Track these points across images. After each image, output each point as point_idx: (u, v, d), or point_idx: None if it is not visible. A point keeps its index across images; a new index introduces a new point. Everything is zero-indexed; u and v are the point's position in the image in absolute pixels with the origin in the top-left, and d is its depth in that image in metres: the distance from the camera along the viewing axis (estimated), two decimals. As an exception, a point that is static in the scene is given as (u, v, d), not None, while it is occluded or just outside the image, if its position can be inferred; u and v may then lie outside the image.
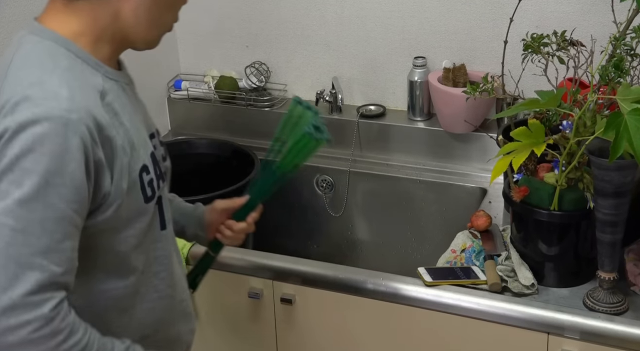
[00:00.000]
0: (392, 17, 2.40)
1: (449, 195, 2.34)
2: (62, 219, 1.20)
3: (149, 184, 1.35)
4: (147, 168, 1.35)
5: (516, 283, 1.80)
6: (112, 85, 1.32)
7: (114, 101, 1.31)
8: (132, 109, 1.36)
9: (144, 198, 1.34)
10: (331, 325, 1.97)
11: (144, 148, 1.36)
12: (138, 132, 1.35)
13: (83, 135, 1.20)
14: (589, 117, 1.69)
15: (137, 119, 1.38)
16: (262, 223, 2.48)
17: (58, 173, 1.19)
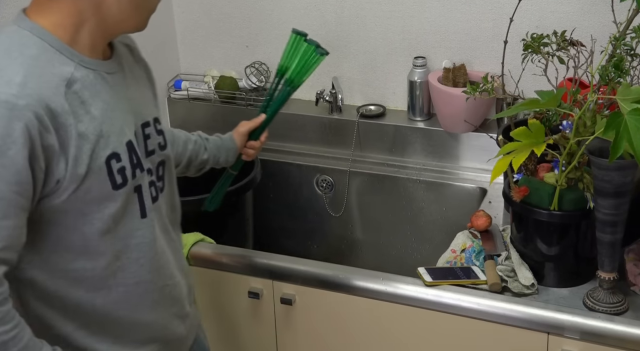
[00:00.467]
0: (392, 17, 2.40)
1: (449, 195, 2.34)
2: (1, 199, 1.26)
3: (119, 172, 1.39)
4: (117, 156, 1.39)
5: (516, 283, 1.80)
6: (86, 75, 1.36)
7: (84, 89, 1.35)
8: (110, 98, 1.39)
9: (111, 184, 1.39)
10: (331, 325, 1.97)
11: (117, 137, 1.39)
12: (111, 121, 1.38)
13: (28, 121, 1.25)
14: (589, 117, 1.69)
15: (118, 108, 1.41)
16: (262, 223, 2.49)
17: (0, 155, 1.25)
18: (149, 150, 1.49)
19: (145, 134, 1.49)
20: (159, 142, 1.52)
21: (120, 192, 1.40)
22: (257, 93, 2.56)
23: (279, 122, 2.51)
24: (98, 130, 1.35)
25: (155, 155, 1.51)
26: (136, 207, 1.45)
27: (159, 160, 1.53)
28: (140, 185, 1.45)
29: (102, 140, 1.36)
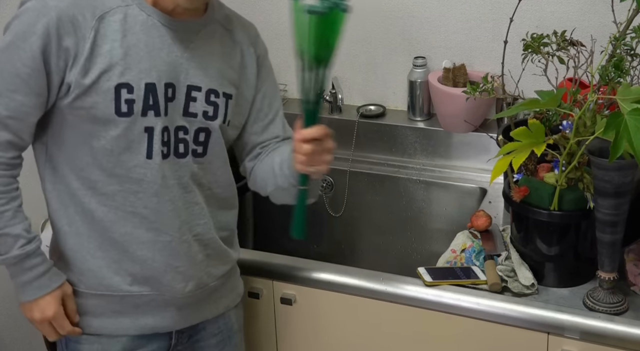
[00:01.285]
0: (392, 17, 2.40)
1: (449, 195, 2.34)
2: (16, 75, 1.50)
3: (126, 102, 1.54)
4: (130, 88, 1.54)
5: (516, 283, 1.80)
6: (135, 14, 1.54)
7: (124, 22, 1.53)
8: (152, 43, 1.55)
9: (115, 109, 1.54)
10: (331, 325, 1.97)
11: (139, 73, 1.54)
12: (139, 58, 1.54)
13: (51, 20, 1.48)
14: (589, 117, 1.69)
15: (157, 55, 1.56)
16: (262, 223, 2.49)
17: (22, 39, 1.49)
18: (189, 111, 1.62)
19: (190, 96, 1.61)
20: (205, 110, 1.63)
21: (123, 119, 1.54)
22: (257, 93, 2.55)
23: (279, 122, 2.53)
24: (119, 58, 1.52)
25: (196, 119, 1.63)
26: (143, 146, 1.57)
27: (200, 126, 1.63)
28: (153, 128, 1.57)
29: (118, 67, 1.52)
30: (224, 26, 1.69)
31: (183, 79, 1.60)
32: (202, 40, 1.63)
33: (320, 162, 1.58)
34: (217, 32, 1.67)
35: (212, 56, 1.65)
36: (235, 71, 1.69)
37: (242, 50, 1.71)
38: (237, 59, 1.70)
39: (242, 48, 1.71)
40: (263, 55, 1.77)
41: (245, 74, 1.72)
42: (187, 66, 1.60)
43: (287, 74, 2.57)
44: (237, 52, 1.70)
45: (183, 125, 1.62)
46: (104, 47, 1.52)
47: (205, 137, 1.65)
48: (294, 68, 2.54)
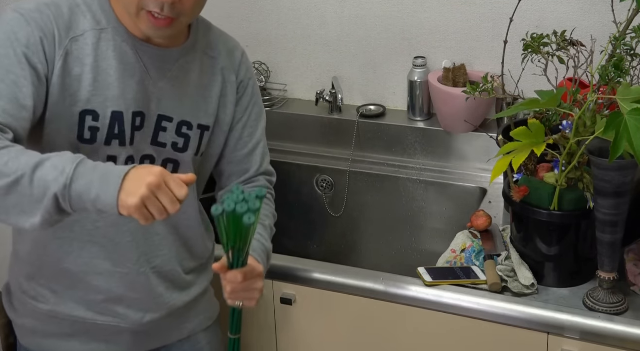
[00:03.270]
0: (392, 17, 2.40)
1: (449, 195, 2.34)
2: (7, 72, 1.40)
3: (90, 129, 1.48)
4: (95, 115, 1.48)
5: (516, 283, 1.80)
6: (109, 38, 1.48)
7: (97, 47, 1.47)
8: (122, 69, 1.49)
9: (78, 135, 1.49)
10: (331, 325, 1.97)
11: (105, 101, 1.48)
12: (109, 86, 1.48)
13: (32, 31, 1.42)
14: (589, 117, 1.69)
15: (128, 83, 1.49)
16: (262, 223, 2.49)
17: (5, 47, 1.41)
18: (158, 140, 1.56)
19: (160, 125, 1.56)
20: (175, 142, 1.58)
21: (85, 146, 1.49)
22: (257, 93, 2.55)
23: (279, 121, 2.53)
24: (88, 83, 1.47)
25: (164, 149, 1.58)
26: None
27: (168, 156, 1.59)
28: (116, 158, 1.52)
29: (85, 93, 1.47)
30: (207, 53, 1.62)
31: (154, 108, 1.55)
32: (181, 70, 1.57)
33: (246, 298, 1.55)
34: (197, 61, 1.60)
35: (189, 87, 1.59)
36: (214, 101, 1.63)
37: (223, 78, 1.65)
38: (217, 89, 1.64)
39: (223, 76, 1.65)
40: (246, 82, 1.69)
41: (224, 103, 1.65)
42: (159, 96, 1.55)
43: (287, 74, 2.58)
44: (218, 80, 1.64)
45: (150, 154, 1.57)
46: (75, 70, 1.47)
47: (173, 169, 1.60)
48: (294, 68, 2.56)
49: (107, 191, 1.28)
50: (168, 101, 1.56)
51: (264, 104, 2.51)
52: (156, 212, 1.29)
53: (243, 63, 1.69)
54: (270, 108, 2.54)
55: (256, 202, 1.34)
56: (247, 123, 1.70)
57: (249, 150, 1.71)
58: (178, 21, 1.46)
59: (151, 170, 1.29)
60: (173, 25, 1.46)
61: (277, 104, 2.55)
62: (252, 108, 1.71)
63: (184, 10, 1.44)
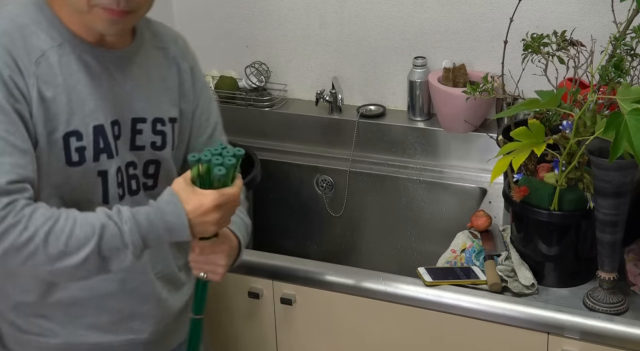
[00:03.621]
0: (392, 17, 2.40)
1: (449, 195, 2.34)
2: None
3: (77, 150, 1.44)
4: (79, 135, 1.43)
5: (516, 283, 1.80)
6: (69, 52, 1.43)
7: (61, 65, 1.42)
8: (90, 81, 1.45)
9: (66, 160, 1.43)
10: (331, 325, 1.97)
11: (84, 118, 1.44)
12: (82, 102, 1.44)
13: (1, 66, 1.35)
14: (589, 117, 1.69)
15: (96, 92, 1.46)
16: (262, 223, 2.49)
17: None
18: (136, 144, 1.53)
19: (135, 128, 1.53)
20: (153, 141, 1.55)
21: (75, 169, 1.44)
22: (257, 94, 2.56)
23: (279, 121, 2.53)
24: (63, 104, 1.42)
25: (144, 151, 1.55)
26: (98, 191, 1.49)
27: (150, 158, 1.56)
28: (107, 171, 1.49)
29: (63, 114, 1.42)
30: (156, 46, 1.59)
31: (127, 113, 1.51)
32: (140, 67, 1.54)
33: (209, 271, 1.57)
34: (151, 54, 1.57)
35: (152, 82, 1.56)
36: (174, 91, 1.61)
37: (177, 66, 1.62)
38: (174, 77, 1.61)
39: (177, 64, 1.62)
40: (195, 66, 1.67)
41: (183, 91, 1.63)
42: (129, 98, 1.52)
43: (287, 74, 2.58)
44: (174, 69, 1.61)
45: (132, 160, 1.53)
46: (47, 94, 1.40)
47: (155, 169, 1.58)
48: (294, 68, 2.56)
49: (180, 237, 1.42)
50: (138, 102, 1.53)
51: (264, 104, 2.54)
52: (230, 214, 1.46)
53: (188, 49, 1.67)
54: (270, 108, 2.54)
55: (232, 158, 1.41)
56: (203, 108, 1.67)
57: (209, 134, 1.70)
58: (133, 14, 1.42)
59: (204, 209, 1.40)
60: (129, 17, 1.42)
61: (277, 104, 2.55)
62: (205, 92, 1.69)
63: (140, 2, 1.42)
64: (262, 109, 2.54)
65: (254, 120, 2.55)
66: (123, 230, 1.37)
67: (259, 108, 2.55)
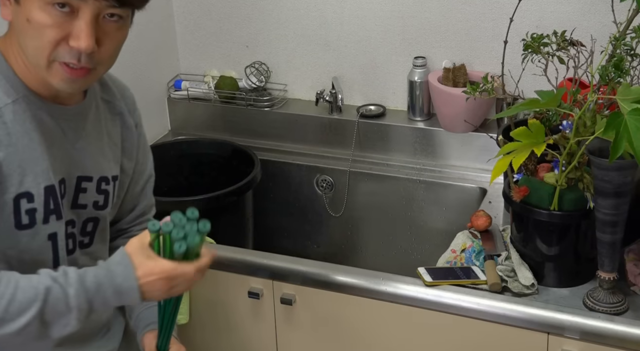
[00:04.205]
0: (392, 17, 2.40)
1: (449, 195, 2.34)
2: None
3: (27, 212, 1.36)
4: (30, 196, 1.36)
5: (516, 283, 1.80)
6: (25, 109, 1.35)
7: (15, 123, 1.34)
8: (43, 139, 1.37)
9: (15, 223, 1.35)
10: (331, 325, 1.97)
11: (36, 177, 1.36)
12: (35, 161, 1.36)
13: None
14: (589, 117, 1.69)
15: (49, 151, 1.38)
16: (262, 223, 2.49)
17: None
18: (79, 203, 1.47)
19: (80, 187, 1.46)
20: (95, 200, 1.49)
21: (24, 232, 1.37)
22: (257, 94, 2.56)
23: (279, 121, 2.53)
24: (15, 165, 1.34)
25: (85, 210, 1.48)
26: (48, 255, 1.42)
27: (89, 216, 1.50)
28: (56, 234, 1.42)
29: (15, 176, 1.34)
30: (103, 98, 1.52)
31: (73, 171, 1.44)
32: (92, 123, 1.47)
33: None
34: (100, 108, 1.50)
35: (101, 139, 1.50)
36: (117, 147, 1.55)
37: (122, 121, 1.56)
38: (118, 133, 1.55)
39: (122, 119, 1.55)
40: (139, 123, 1.61)
41: (125, 148, 1.57)
42: (78, 157, 1.45)
43: (287, 74, 2.58)
44: (118, 124, 1.55)
45: (71, 218, 1.46)
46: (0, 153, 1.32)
47: (92, 226, 1.51)
48: (294, 68, 2.56)
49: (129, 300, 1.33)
50: (87, 160, 1.46)
51: (264, 104, 2.55)
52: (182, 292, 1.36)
53: (134, 103, 1.60)
54: (270, 108, 2.54)
55: (196, 236, 1.31)
56: (139, 161, 1.62)
57: (140, 188, 1.65)
58: (94, 71, 1.35)
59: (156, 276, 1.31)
60: (89, 75, 1.34)
61: (277, 104, 2.55)
62: (144, 147, 1.63)
63: (102, 59, 1.34)
64: (262, 109, 2.54)
65: (254, 120, 2.55)
66: (68, 293, 1.28)
67: (259, 108, 2.55)
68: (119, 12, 1.31)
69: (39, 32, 1.28)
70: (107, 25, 1.31)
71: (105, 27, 1.31)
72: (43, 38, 1.29)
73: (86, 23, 1.28)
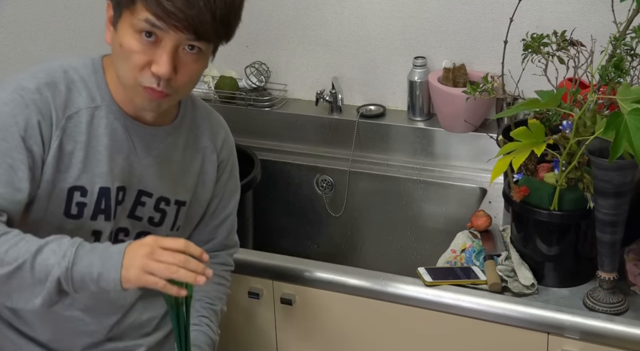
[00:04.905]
0: (392, 17, 2.40)
1: (449, 195, 2.34)
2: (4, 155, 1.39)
3: (77, 204, 1.48)
4: (84, 191, 1.47)
5: (516, 283, 1.80)
6: (102, 116, 1.48)
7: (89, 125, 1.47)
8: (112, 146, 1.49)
9: (64, 210, 1.47)
10: (331, 325, 1.97)
11: (93, 177, 1.48)
12: (98, 162, 1.48)
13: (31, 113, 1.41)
14: (589, 117, 1.69)
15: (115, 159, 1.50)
16: (262, 223, 2.49)
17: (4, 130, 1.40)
18: (135, 214, 1.56)
19: (139, 200, 1.56)
20: (151, 216, 1.58)
21: (70, 221, 1.48)
22: (257, 93, 2.56)
23: (279, 121, 2.53)
24: (79, 160, 1.46)
25: (140, 222, 1.57)
26: None
27: (143, 229, 1.58)
28: (101, 232, 1.51)
29: (75, 170, 1.46)
30: (191, 130, 1.62)
31: (136, 183, 1.55)
32: (167, 148, 1.57)
33: None
34: (182, 137, 1.60)
35: (172, 164, 1.59)
36: (192, 177, 1.63)
37: (204, 156, 1.64)
38: (197, 165, 1.63)
39: (204, 153, 1.64)
40: (226, 161, 1.69)
41: (203, 180, 1.65)
42: (143, 172, 1.55)
43: (287, 74, 2.58)
44: (199, 157, 1.63)
45: (125, 227, 1.56)
46: (67, 147, 1.45)
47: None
48: (294, 68, 2.56)
49: (109, 269, 1.33)
50: (151, 177, 1.56)
51: (264, 104, 2.54)
52: (162, 271, 1.32)
53: (226, 142, 1.68)
54: (270, 108, 2.54)
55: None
56: (222, 198, 1.70)
57: (219, 222, 1.72)
58: (172, 96, 1.46)
59: (142, 242, 1.35)
60: (167, 99, 1.46)
61: (277, 104, 2.55)
62: (229, 185, 1.71)
63: (178, 86, 1.44)
64: (262, 109, 2.54)
65: (254, 120, 2.55)
66: (62, 242, 1.35)
67: (259, 108, 2.55)
68: (198, 45, 1.43)
69: (128, 56, 1.41)
70: (186, 56, 1.42)
71: (184, 57, 1.42)
72: (131, 62, 1.41)
73: (167, 52, 1.39)
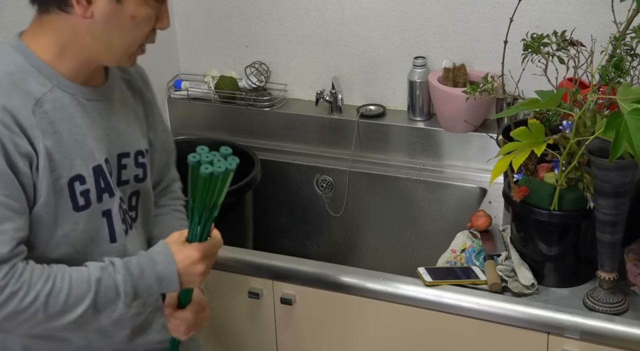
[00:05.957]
0: (392, 17, 2.40)
1: (449, 195, 2.34)
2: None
3: (82, 194, 1.44)
4: (82, 179, 1.44)
5: (516, 283, 1.80)
6: (61, 96, 1.42)
7: (55, 110, 1.41)
8: (83, 122, 1.45)
9: (72, 205, 1.43)
10: (331, 325, 1.97)
11: (84, 160, 1.44)
12: (80, 144, 1.43)
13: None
14: (589, 117, 1.69)
15: (90, 133, 1.46)
16: (262, 223, 2.49)
17: None
18: (122, 179, 1.54)
19: (121, 164, 1.53)
20: (136, 174, 1.56)
21: (82, 213, 1.45)
22: (257, 93, 2.56)
23: (279, 121, 2.53)
24: (64, 150, 1.41)
25: (128, 185, 1.55)
26: (105, 231, 1.49)
27: (132, 190, 1.57)
28: (110, 210, 1.49)
29: (66, 161, 1.41)
30: (122, 78, 1.59)
31: (113, 149, 1.51)
32: (118, 102, 1.54)
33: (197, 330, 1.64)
34: (122, 87, 1.58)
35: (128, 115, 1.57)
36: (143, 122, 1.62)
37: (141, 97, 1.62)
38: (141, 109, 1.62)
39: (141, 95, 1.62)
40: (153, 96, 1.68)
41: (150, 123, 1.64)
42: (114, 135, 1.51)
43: (287, 74, 2.58)
44: (139, 100, 1.62)
45: (120, 196, 1.53)
46: (48, 143, 1.38)
47: (136, 200, 1.59)
48: (294, 68, 2.56)
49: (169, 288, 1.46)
50: (121, 137, 1.53)
51: (264, 104, 2.55)
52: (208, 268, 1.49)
53: (147, 78, 1.67)
54: (270, 108, 2.54)
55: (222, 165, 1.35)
56: (162, 136, 1.69)
57: (164, 161, 1.72)
58: None
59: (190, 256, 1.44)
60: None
61: (277, 104, 2.55)
62: (162, 120, 1.70)
63: None
64: (262, 109, 2.54)
65: (254, 120, 2.55)
66: (117, 279, 1.41)
67: (259, 108, 2.55)
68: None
69: (142, 25, 1.41)
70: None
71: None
72: (141, 30, 1.41)
73: (166, 7, 1.44)
